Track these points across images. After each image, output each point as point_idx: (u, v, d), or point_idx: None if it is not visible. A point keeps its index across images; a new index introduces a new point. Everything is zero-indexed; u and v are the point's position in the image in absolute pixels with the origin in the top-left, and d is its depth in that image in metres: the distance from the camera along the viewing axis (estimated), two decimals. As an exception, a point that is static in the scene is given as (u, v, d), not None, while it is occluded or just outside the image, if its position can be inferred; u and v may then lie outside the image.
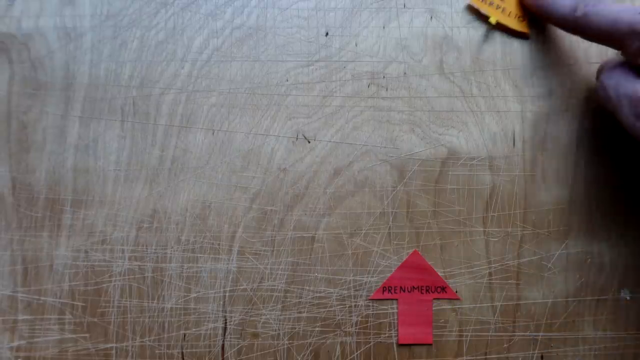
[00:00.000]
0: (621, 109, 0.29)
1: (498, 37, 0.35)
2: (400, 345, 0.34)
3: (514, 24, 0.35)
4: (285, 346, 0.34)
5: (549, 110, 0.35)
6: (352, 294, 0.35)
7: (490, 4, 0.35)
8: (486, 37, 0.35)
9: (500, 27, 0.35)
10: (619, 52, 0.30)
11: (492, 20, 0.35)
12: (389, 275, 0.35)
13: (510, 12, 0.35)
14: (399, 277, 0.35)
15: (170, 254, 0.35)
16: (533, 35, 0.35)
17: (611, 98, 0.30)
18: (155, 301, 0.35)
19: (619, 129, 0.32)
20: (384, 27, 0.36)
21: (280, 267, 0.35)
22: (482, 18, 0.35)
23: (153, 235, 0.35)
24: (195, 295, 0.35)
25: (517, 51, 0.35)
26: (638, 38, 0.28)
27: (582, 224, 0.35)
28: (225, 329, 0.35)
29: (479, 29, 0.35)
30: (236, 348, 0.34)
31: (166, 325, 0.35)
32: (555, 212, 0.35)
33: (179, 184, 0.35)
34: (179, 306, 0.35)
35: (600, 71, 0.33)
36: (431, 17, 0.36)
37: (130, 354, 0.34)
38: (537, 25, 0.35)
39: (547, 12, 0.33)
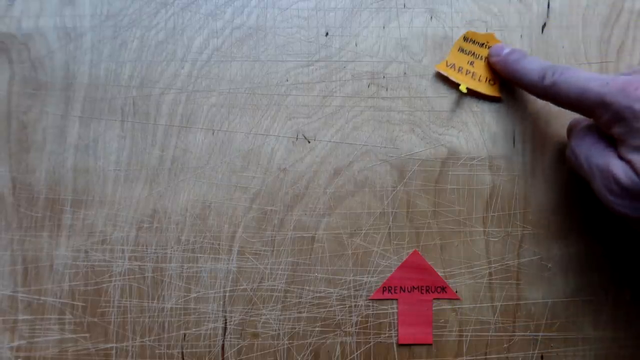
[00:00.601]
0: (593, 179, 0.28)
1: (498, 37, 0.35)
2: (400, 345, 0.34)
3: (484, 88, 0.35)
4: (285, 346, 0.34)
5: (549, 110, 0.35)
6: (352, 294, 0.35)
7: (459, 69, 0.35)
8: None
9: (472, 93, 0.35)
10: None
11: (462, 88, 0.34)
12: (389, 275, 0.35)
13: (480, 77, 0.35)
14: (399, 277, 0.35)
15: (170, 254, 0.35)
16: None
17: (582, 166, 0.29)
18: (155, 301, 0.35)
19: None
20: (384, 27, 0.36)
21: (280, 267, 0.35)
22: (452, 85, 0.35)
23: (153, 235, 0.35)
24: (195, 295, 0.35)
25: (517, 51, 0.35)
26: (607, 109, 0.27)
27: (582, 224, 0.35)
28: (225, 329, 0.35)
29: (479, 29, 0.35)
30: (236, 348, 0.34)
31: (166, 325, 0.35)
32: (555, 212, 0.35)
33: (179, 184, 0.35)
34: (179, 306, 0.35)
35: (570, 132, 0.32)
36: (431, 17, 0.36)
37: (130, 354, 0.34)
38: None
39: (516, 79, 0.32)
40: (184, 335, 0.35)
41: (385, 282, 0.35)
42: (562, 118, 0.35)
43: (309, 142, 0.35)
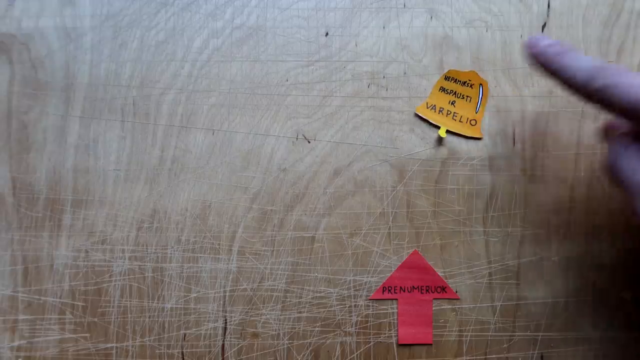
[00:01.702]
0: (636, 196, 0.25)
1: (498, 37, 0.35)
2: (400, 345, 0.34)
3: (465, 130, 0.35)
4: (285, 346, 0.34)
5: (549, 110, 0.35)
6: (352, 294, 0.35)
7: (440, 111, 0.35)
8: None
9: (452, 134, 0.35)
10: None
11: (442, 132, 0.34)
12: (389, 275, 0.35)
13: (461, 117, 0.35)
14: (399, 277, 0.35)
15: (170, 254, 0.35)
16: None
17: (624, 181, 0.26)
18: (155, 301, 0.35)
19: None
20: (384, 27, 0.36)
21: (280, 267, 0.35)
22: (433, 127, 0.35)
23: (153, 235, 0.35)
24: (195, 295, 0.35)
25: (517, 51, 0.35)
26: None
27: (582, 224, 0.35)
28: (225, 329, 0.35)
29: (479, 29, 0.35)
30: (236, 348, 0.34)
31: (166, 325, 0.35)
32: (555, 212, 0.35)
33: (179, 184, 0.35)
34: (179, 306, 0.35)
35: (605, 136, 0.29)
36: (431, 17, 0.36)
37: (130, 353, 0.34)
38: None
39: (559, 77, 0.28)
40: (184, 335, 0.35)
41: (385, 282, 0.35)
42: (562, 118, 0.35)
43: (309, 142, 0.35)
